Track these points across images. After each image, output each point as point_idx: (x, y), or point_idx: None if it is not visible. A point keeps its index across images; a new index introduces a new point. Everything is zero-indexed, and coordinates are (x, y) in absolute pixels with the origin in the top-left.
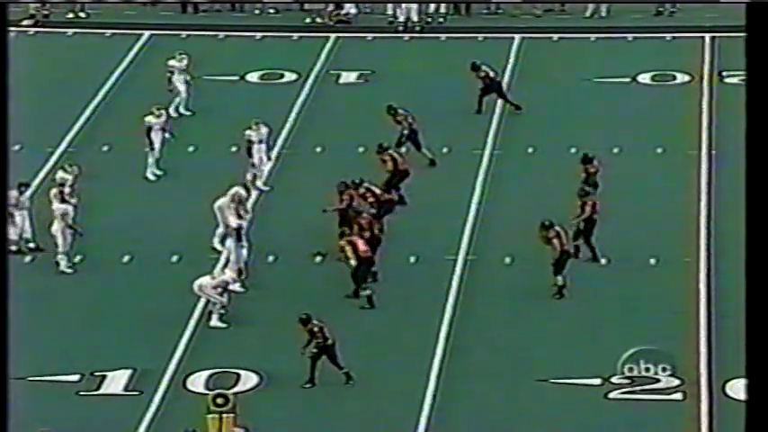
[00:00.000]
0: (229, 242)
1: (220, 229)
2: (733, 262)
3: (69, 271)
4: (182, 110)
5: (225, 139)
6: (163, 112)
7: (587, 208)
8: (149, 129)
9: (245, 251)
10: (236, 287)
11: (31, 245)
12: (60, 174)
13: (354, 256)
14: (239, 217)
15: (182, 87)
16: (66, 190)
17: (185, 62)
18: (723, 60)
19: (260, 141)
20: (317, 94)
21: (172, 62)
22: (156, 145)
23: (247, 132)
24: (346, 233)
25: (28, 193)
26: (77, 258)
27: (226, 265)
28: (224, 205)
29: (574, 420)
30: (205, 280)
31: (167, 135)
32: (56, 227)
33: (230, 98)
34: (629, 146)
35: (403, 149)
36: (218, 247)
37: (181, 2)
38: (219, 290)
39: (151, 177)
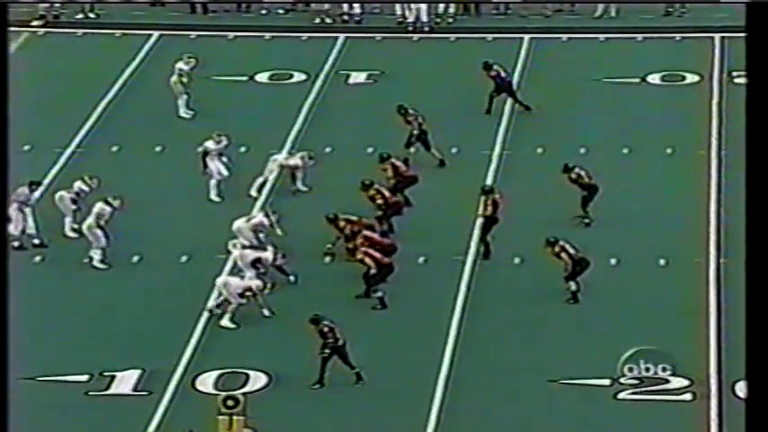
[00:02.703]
0: (236, 253)
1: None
2: (743, 263)
3: (103, 267)
4: (182, 113)
5: (234, 140)
6: (223, 138)
7: (488, 206)
8: (206, 153)
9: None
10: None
11: (36, 241)
12: (78, 184)
13: (375, 265)
14: (259, 248)
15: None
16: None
17: (192, 64)
18: (732, 60)
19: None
20: (326, 95)
21: (180, 65)
22: (213, 169)
23: (289, 161)
24: (353, 244)
25: (38, 192)
26: (86, 259)
27: (234, 269)
28: (243, 228)
29: (583, 421)
30: (232, 279)
31: (225, 159)
32: (90, 223)
33: (239, 99)
34: (638, 146)
35: (412, 150)
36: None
37: (190, 2)
38: (240, 291)
39: (216, 199)
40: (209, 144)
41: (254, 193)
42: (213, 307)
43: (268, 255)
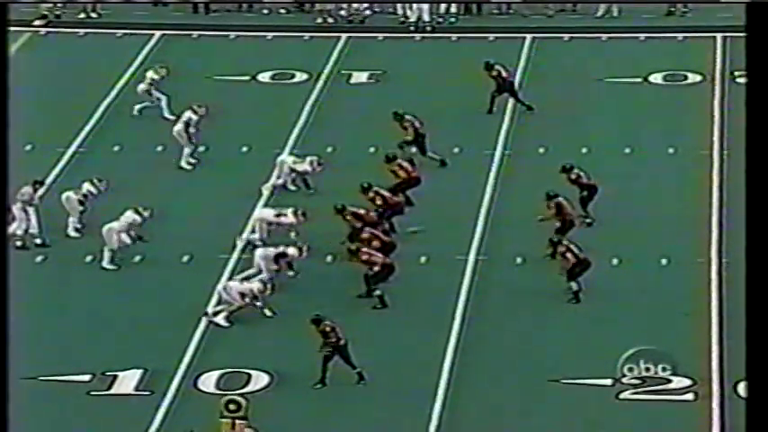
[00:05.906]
0: (261, 251)
1: (255, 235)
2: (744, 263)
3: (112, 268)
4: (166, 114)
5: (236, 140)
6: (203, 108)
7: (551, 209)
8: (188, 125)
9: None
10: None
11: (38, 240)
12: (87, 185)
13: (379, 265)
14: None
15: (159, 94)
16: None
17: (163, 74)
18: (735, 60)
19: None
20: (329, 94)
21: (150, 73)
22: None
23: (298, 166)
24: (356, 245)
25: (41, 191)
26: (88, 258)
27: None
28: (266, 219)
29: (585, 421)
30: (233, 283)
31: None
32: (113, 227)
33: (241, 98)
34: (640, 146)
35: (413, 149)
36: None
37: (192, 2)
38: (243, 295)
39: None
40: (192, 115)
41: (265, 191)
42: (212, 312)
43: (293, 251)
